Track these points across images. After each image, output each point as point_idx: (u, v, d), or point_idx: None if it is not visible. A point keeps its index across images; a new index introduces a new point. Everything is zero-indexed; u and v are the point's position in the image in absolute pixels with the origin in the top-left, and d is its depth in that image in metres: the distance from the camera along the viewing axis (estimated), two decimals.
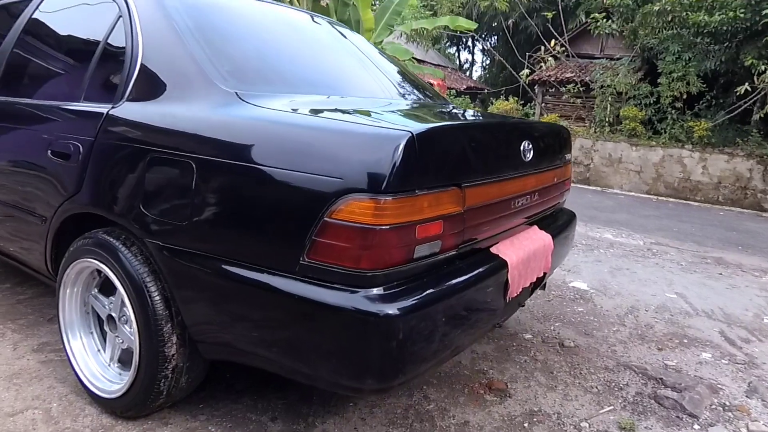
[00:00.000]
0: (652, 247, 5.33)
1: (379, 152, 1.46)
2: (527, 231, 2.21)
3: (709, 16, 9.05)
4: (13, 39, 2.54)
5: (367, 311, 1.44)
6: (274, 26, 2.49)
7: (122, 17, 2.09)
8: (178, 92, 1.87)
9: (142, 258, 1.82)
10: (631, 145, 9.76)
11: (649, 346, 2.88)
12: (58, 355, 2.33)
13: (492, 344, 2.77)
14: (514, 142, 2.03)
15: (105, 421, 1.95)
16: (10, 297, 2.93)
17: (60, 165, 2.08)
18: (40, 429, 1.88)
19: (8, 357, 2.31)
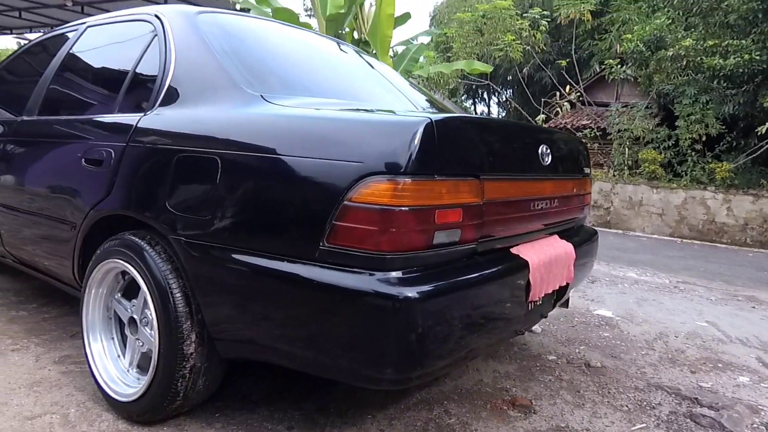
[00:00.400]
0: (678, 285, 5.16)
1: (398, 137, 1.49)
2: (548, 239, 2.18)
3: (724, 60, 9.09)
4: (56, 65, 2.77)
5: (386, 293, 1.43)
6: (297, 45, 2.64)
7: (157, 35, 2.26)
8: (205, 97, 1.97)
9: (165, 256, 1.86)
10: (651, 187, 9.65)
11: (681, 369, 2.74)
12: (79, 367, 2.33)
13: (514, 364, 2.66)
14: (532, 145, 2.05)
15: (121, 426, 1.94)
16: (36, 315, 2.99)
17: (92, 172, 2.18)
18: (57, 431, 1.87)
19: (30, 367, 2.34)
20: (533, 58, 13.18)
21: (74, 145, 2.37)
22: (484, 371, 2.56)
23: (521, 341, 3.01)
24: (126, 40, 2.48)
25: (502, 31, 12.28)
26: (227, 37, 2.20)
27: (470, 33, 12.77)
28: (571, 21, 12.47)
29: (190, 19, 2.22)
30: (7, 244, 2.87)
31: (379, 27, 6.96)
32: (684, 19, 10.76)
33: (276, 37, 2.56)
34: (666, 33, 10.33)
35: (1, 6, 12.24)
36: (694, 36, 9.87)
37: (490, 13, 12.45)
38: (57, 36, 3.02)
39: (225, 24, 2.35)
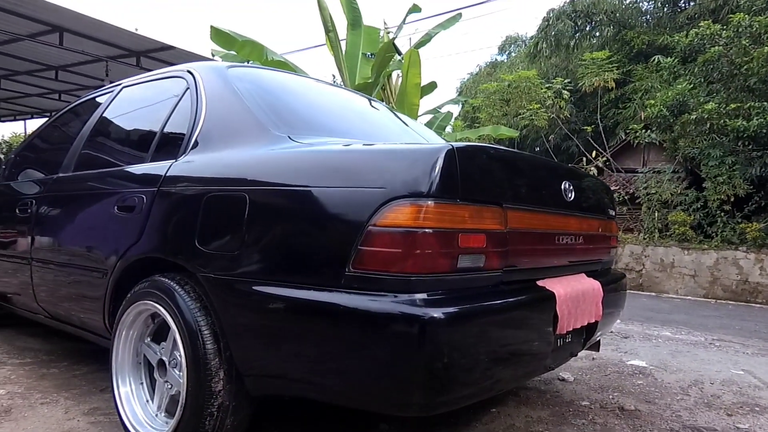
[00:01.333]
0: (714, 342, 5.05)
1: (421, 162, 1.55)
2: (575, 275, 2.22)
3: (747, 122, 9.18)
4: (91, 124, 2.93)
5: (411, 314, 1.45)
6: (321, 94, 2.82)
7: (189, 89, 2.40)
8: (234, 141, 2.07)
9: (194, 295, 1.90)
10: (682, 249, 9.55)
11: (717, 412, 2.70)
12: (108, 418, 2.34)
13: (547, 410, 2.66)
14: (555, 180, 2.11)
15: None
16: (66, 372, 3.01)
17: (124, 218, 2.27)
18: None
19: (59, 419, 2.34)
20: (559, 127, 13.44)
21: (107, 196, 2.45)
22: (515, 416, 2.56)
23: (554, 389, 3.01)
24: (159, 94, 2.61)
25: (528, 100, 12.63)
26: (255, 85, 2.32)
27: (496, 102, 13.14)
28: (594, 90, 12.79)
29: (220, 72, 2.37)
30: (40, 300, 2.92)
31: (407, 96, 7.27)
32: (706, 85, 10.97)
33: (300, 87, 2.71)
34: (688, 98, 10.50)
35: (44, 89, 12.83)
36: (717, 100, 10.02)
37: (515, 83, 12.84)
38: (91, 99, 3.19)
39: (253, 75, 2.50)
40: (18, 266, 3.06)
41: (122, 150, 2.81)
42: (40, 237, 2.90)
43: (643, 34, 14.07)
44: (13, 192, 3.41)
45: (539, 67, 16.46)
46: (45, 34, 8.67)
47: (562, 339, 2.06)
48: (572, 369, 3.42)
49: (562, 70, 15.41)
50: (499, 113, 12.94)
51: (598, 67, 12.68)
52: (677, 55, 11.96)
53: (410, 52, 7.21)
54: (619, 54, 14.27)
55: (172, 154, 2.23)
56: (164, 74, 2.67)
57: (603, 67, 12.63)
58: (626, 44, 14.33)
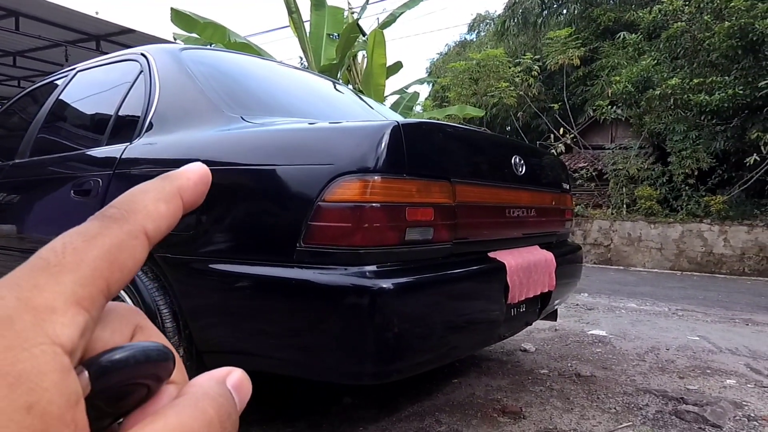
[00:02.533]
0: (677, 312, 5.21)
1: (367, 139, 1.59)
2: (527, 247, 2.28)
3: (710, 97, 9.38)
4: (46, 110, 2.89)
5: (361, 285, 1.49)
6: (275, 75, 2.80)
7: (143, 72, 2.38)
8: (188, 122, 2.07)
9: (152, 276, 1.90)
10: (649, 223, 9.77)
11: (670, 376, 2.80)
12: None
13: (507, 378, 2.73)
14: (505, 154, 2.16)
15: None
16: None
17: (81, 202, 2.24)
18: None
19: None
20: (528, 104, 13.53)
21: (63, 180, 2.42)
22: (476, 386, 2.63)
23: (515, 359, 3.08)
24: (114, 78, 2.59)
25: (496, 78, 12.69)
26: (208, 67, 2.32)
27: (465, 81, 13.17)
28: (561, 67, 12.88)
29: (173, 54, 2.36)
30: None
31: (372, 77, 7.27)
32: (670, 60, 11.14)
33: (256, 68, 2.71)
34: (653, 73, 10.67)
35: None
36: (680, 75, 10.20)
37: (483, 62, 12.88)
38: (46, 84, 3.14)
39: (207, 57, 2.50)
40: None
41: (78, 134, 2.79)
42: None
43: (610, 11, 14.15)
44: None
45: (507, 45, 16.50)
46: (0, 19, 8.39)
47: (516, 308, 2.11)
48: (534, 340, 3.50)
49: (531, 48, 15.42)
50: (468, 92, 12.99)
51: (562, 44, 12.77)
52: (642, 31, 12.12)
53: (374, 32, 7.17)
54: (586, 31, 14.36)
55: (128, 137, 2.22)
56: (118, 57, 2.65)
57: (567, 44, 12.72)
58: (593, 21, 14.41)
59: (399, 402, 2.40)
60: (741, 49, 9.20)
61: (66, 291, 0.20)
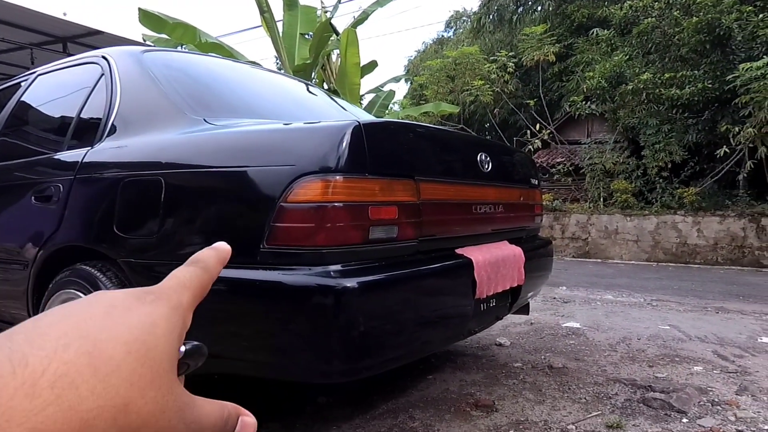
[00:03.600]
0: (651, 302, 5.30)
1: (328, 139, 1.60)
2: (496, 243, 2.30)
3: (681, 91, 9.54)
4: (5, 115, 2.83)
5: (325, 285, 1.49)
6: (240, 76, 2.77)
7: (104, 75, 2.35)
8: (150, 125, 2.06)
9: (117, 281, 1.91)
10: (625, 216, 9.91)
11: (640, 365, 2.86)
12: None
13: (481, 373, 2.77)
14: (470, 152, 2.18)
15: None
16: None
17: (42, 208, 2.22)
18: None
19: None
20: (505, 101, 13.64)
21: (23, 187, 2.39)
22: (451, 381, 2.66)
23: (490, 354, 3.12)
24: (75, 82, 2.55)
25: (472, 76, 12.76)
26: (171, 69, 2.30)
27: (441, 79, 13.23)
28: (537, 64, 13.01)
29: (135, 56, 2.33)
30: None
31: (347, 76, 7.26)
32: (642, 56, 11.30)
33: (221, 70, 2.69)
34: (625, 69, 10.82)
35: None
36: (652, 70, 10.36)
37: (459, 59, 12.94)
38: (4, 89, 3.07)
39: (169, 59, 2.47)
40: None
41: (38, 139, 2.74)
42: None
43: (583, 8, 14.31)
44: None
45: (484, 42, 16.61)
46: None
47: (485, 303, 2.13)
48: (510, 334, 3.55)
49: (507, 45, 15.54)
50: (445, 90, 13.05)
51: (537, 41, 12.89)
52: (614, 27, 12.27)
53: (347, 31, 7.17)
54: (560, 27, 14.51)
55: (89, 141, 2.20)
56: (79, 60, 2.60)
57: (543, 41, 12.85)
58: (567, 18, 14.57)
59: (373, 400, 2.42)
60: (709, 44, 9.38)
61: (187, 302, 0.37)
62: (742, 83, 8.24)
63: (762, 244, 8.55)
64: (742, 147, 8.73)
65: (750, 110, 8.32)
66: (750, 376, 2.67)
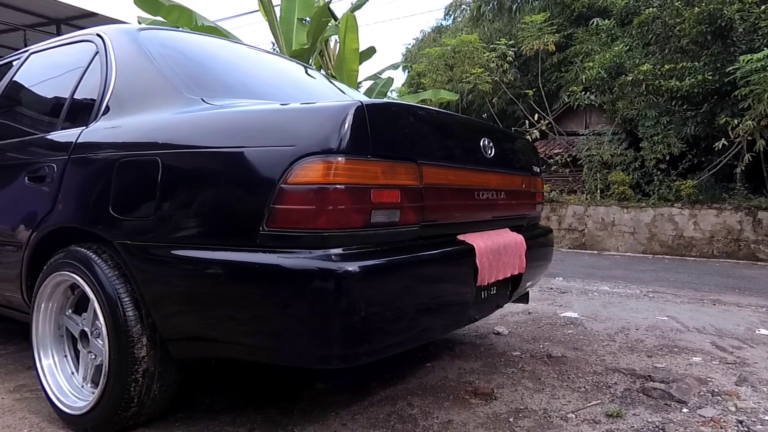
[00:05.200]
0: (648, 294, 5.29)
1: (330, 119, 1.56)
2: (497, 230, 2.27)
3: (680, 82, 9.49)
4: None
5: (326, 269, 1.46)
6: (237, 56, 2.72)
7: (99, 53, 2.30)
8: (146, 105, 2.01)
9: (112, 263, 1.87)
10: (622, 207, 9.91)
11: (638, 355, 2.85)
12: (34, 394, 2.31)
13: (480, 361, 2.75)
14: (473, 137, 2.14)
15: None
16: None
17: (36, 189, 2.19)
18: None
19: None
20: (503, 91, 13.55)
21: (17, 167, 2.36)
22: (449, 369, 2.64)
23: (488, 342, 3.11)
24: (69, 60, 2.49)
25: (471, 64, 12.67)
26: (168, 48, 2.24)
27: (440, 67, 13.14)
28: (536, 53, 12.92)
29: (131, 34, 2.28)
30: None
31: (345, 62, 7.19)
32: (642, 47, 11.24)
33: (219, 50, 2.63)
34: (625, 59, 10.76)
35: None
36: (652, 61, 10.30)
37: (458, 48, 12.85)
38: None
39: (166, 37, 2.42)
40: None
41: (31, 118, 2.69)
42: None
43: None
44: None
45: (483, 31, 16.45)
46: None
47: (486, 291, 2.11)
48: (508, 323, 3.54)
49: (506, 34, 15.39)
50: (444, 78, 12.96)
51: (537, 30, 12.80)
52: (615, 17, 12.19)
53: (346, 16, 7.08)
54: (560, 17, 14.38)
55: (83, 121, 2.16)
56: (73, 38, 2.54)
57: (543, 30, 12.76)
58: (567, 7, 14.42)
59: (371, 386, 2.40)
60: (710, 35, 9.32)
61: None
62: (742, 75, 8.19)
63: (758, 237, 8.56)
64: (741, 140, 8.70)
65: (749, 103, 8.28)
66: (749, 367, 2.66)
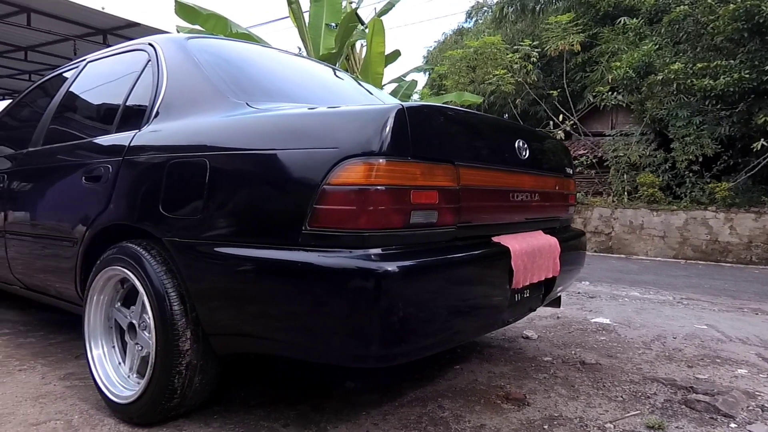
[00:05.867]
0: (681, 300, 5.10)
1: (372, 122, 1.58)
2: (532, 232, 2.22)
3: (714, 81, 9.22)
4: (58, 99, 2.98)
5: (366, 268, 1.48)
6: (279, 62, 2.82)
7: (150, 61, 2.42)
8: (194, 109, 2.10)
9: (161, 259, 1.95)
10: (651, 210, 9.66)
11: (678, 365, 2.73)
12: (83, 382, 2.40)
13: (510, 365, 2.66)
14: (509, 138, 2.12)
15: (122, 428, 1.98)
16: (43, 341, 3.08)
17: (92, 188, 2.31)
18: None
19: (36, 384, 2.41)
20: (526, 92, 13.38)
21: (75, 168, 2.50)
22: (478, 372, 2.57)
23: (517, 346, 3.01)
24: (123, 67, 2.65)
25: (494, 66, 12.54)
26: (214, 55, 2.35)
27: (462, 69, 13.04)
28: (560, 54, 12.73)
29: (180, 43, 2.40)
30: (16, 272, 2.97)
31: (371, 65, 7.18)
32: (672, 45, 10.98)
33: (260, 56, 2.72)
34: (654, 58, 10.52)
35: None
36: (683, 60, 10.05)
37: (481, 49, 12.73)
38: (58, 75, 3.22)
39: (212, 45, 2.54)
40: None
41: (88, 122, 2.85)
42: (12, 211, 2.98)
43: None
44: None
45: (505, 32, 16.29)
46: (12, 15, 8.69)
47: (520, 294, 2.07)
48: (536, 327, 3.43)
49: (528, 35, 15.18)
50: (466, 80, 12.85)
51: (562, 30, 12.60)
52: (643, 16, 11.95)
53: (373, 21, 7.06)
54: (585, 17, 14.16)
55: (136, 125, 2.26)
56: (127, 48, 2.70)
57: (568, 30, 12.56)
58: (592, 7, 14.19)
59: (401, 387, 2.36)
60: (747, 32, 9.03)
61: None
62: None
63: None
64: None
65: None
66: None
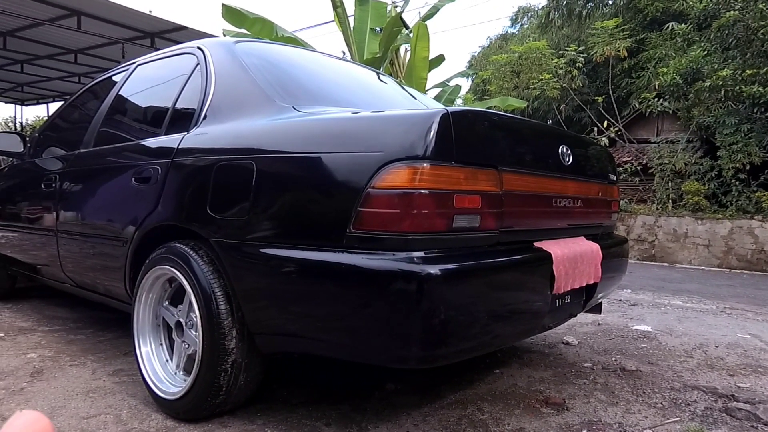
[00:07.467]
0: (725, 310, 5.03)
1: (417, 126, 1.61)
2: (574, 238, 2.25)
3: (764, 88, 9.01)
4: (109, 101, 3.07)
5: (409, 271, 1.51)
6: (325, 66, 2.88)
7: (199, 64, 2.49)
8: (242, 112, 2.16)
9: (208, 260, 2.00)
10: (696, 219, 9.48)
11: (719, 373, 2.73)
12: (132, 378, 2.48)
13: (549, 370, 2.71)
14: (552, 144, 2.14)
15: (169, 423, 2.05)
16: (92, 338, 3.21)
17: (141, 189, 2.38)
18: (111, 428, 2.00)
19: (86, 379, 2.50)
20: (571, 97, 13.26)
21: (125, 169, 2.57)
22: (518, 376, 2.62)
23: (557, 352, 3.05)
24: (171, 71, 2.72)
25: (538, 71, 12.48)
26: (261, 59, 2.41)
27: (506, 74, 13.00)
28: (606, 60, 12.59)
29: (228, 47, 2.46)
30: (67, 270, 3.07)
31: (415, 70, 7.25)
32: (721, 51, 10.75)
33: (305, 60, 2.79)
34: (703, 65, 10.32)
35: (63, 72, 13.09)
36: (732, 66, 9.83)
37: (526, 54, 12.68)
38: (108, 78, 3.34)
39: (259, 49, 2.59)
40: (45, 239, 3.21)
41: (138, 125, 2.93)
42: (64, 210, 3.06)
43: (657, 2, 13.74)
44: (38, 169, 3.54)
45: (551, 38, 16.20)
46: (63, 18, 8.95)
47: (561, 299, 2.09)
48: (577, 333, 3.46)
49: (574, 40, 15.06)
50: (510, 85, 12.83)
51: (609, 35, 12.46)
52: (692, 21, 11.74)
53: (418, 25, 7.15)
54: (632, 22, 13.98)
55: (184, 127, 2.32)
56: (176, 51, 2.77)
57: (614, 35, 12.41)
58: (639, 12, 14.01)
59: (441, 390, 2.41)
60: None
61: None
62: None
63: None
64: None
65: None
66: None
